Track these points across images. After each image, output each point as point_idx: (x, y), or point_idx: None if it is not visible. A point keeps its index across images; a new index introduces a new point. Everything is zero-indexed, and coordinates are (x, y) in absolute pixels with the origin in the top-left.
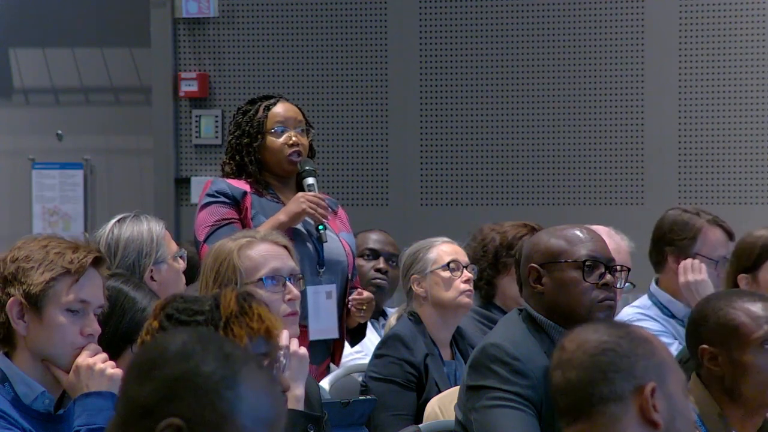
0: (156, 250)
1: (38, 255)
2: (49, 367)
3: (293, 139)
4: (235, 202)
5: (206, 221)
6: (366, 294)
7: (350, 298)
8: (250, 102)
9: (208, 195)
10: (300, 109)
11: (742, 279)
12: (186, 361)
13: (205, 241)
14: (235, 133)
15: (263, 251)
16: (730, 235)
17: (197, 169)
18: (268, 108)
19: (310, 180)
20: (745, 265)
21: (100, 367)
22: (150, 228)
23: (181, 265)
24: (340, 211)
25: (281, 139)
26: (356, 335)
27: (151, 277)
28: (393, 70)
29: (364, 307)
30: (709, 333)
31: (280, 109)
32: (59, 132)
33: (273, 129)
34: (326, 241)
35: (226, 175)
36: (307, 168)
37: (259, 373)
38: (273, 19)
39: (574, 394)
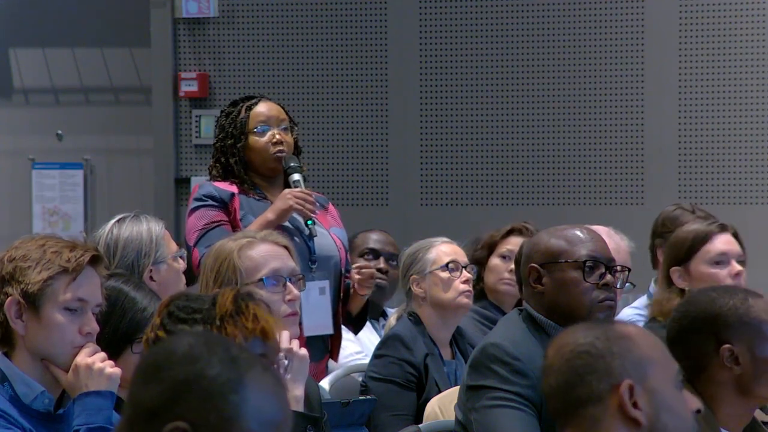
0: (155, 250)
1: (35, 254)
2: (48, 366)
3: (277, 137)
4: (223, 204)
5: (195, 225)
6: (366, 270)
7: (353, 275)
8: (232, 104)
9: (196, 199)
10: (282, 107)
11: (675, 272)
12: (192, 364)
13: (195, 245)
14: (219, 136)
15: (264, 251)
16: None
17: (197, 169)
18: (249, 108)
19: (296, 176)
20: (677, 257)
21: (99, 366)
22: (149, 228)
23: (181, 265)
24: (331, 207)
25: (264, 139)
26: (358, 323)
27: (150, 277)
28: (393, 70)
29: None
30: (731, 332)
31: (262, 108)
32: (59, 132)
33: (256, 128)
34: (316, 235)
35: (213, 178)
36: (292, 165)
37: (265, 376)
38: (273, 19)
39: (557, 399)
